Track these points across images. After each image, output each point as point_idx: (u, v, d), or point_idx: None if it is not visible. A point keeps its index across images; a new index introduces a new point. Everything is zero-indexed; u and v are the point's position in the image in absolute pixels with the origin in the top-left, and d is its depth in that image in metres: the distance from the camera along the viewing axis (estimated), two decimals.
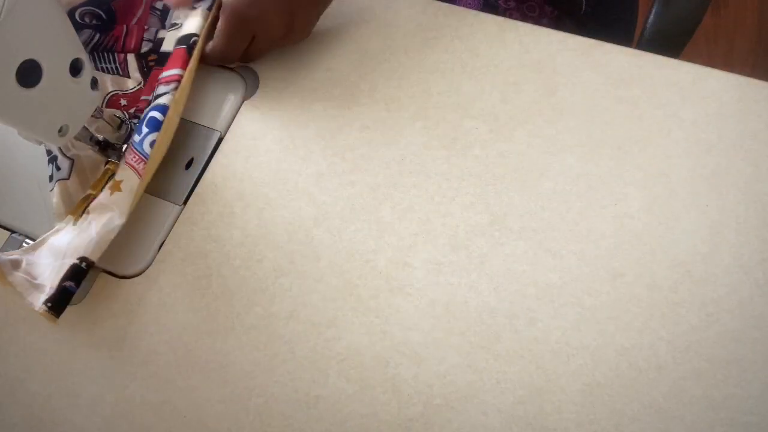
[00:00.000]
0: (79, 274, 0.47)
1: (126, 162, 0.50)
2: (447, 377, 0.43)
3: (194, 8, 0.55)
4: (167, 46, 0.55)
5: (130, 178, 0.49)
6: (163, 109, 0.51)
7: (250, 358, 0.46)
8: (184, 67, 0.52)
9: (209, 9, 0.54)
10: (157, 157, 0.51)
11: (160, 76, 0.53)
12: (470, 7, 0.61)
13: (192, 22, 0.54)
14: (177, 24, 0.56)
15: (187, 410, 0.45)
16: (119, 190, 0.49)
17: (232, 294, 0.48)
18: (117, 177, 0.49)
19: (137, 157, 0.50)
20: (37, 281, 0.48)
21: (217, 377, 0.46)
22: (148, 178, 0.50)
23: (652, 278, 0.44)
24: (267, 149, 0.52)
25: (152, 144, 0.50)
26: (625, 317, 0.43)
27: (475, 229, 0.47)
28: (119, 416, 0.46)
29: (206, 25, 0.54)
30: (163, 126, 0.50)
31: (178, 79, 0.52)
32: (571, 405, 0.41)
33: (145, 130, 0.50)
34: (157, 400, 0.46)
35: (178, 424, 0.45)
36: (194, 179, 0.52)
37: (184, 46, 0.53)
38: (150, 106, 0.51)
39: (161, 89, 0.52)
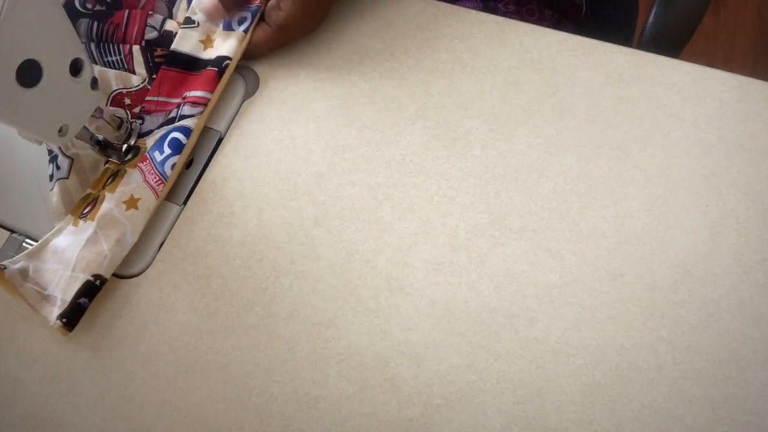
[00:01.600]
0: (93, 290, 0.48)
1: (145, 180, 0.50)
2: (447, 377, 0.43)
3: (232, 30, 0.54)
4: (182, 45, 0.55)
5: (148, 198, 0.50)
6: (187, 132, 0.51)
7: (250, 358, 0.46)
8: (212, 90, 0.52)
9: (245, 31, 0.54)
10: (172, 179, 0.51)
11: (187, 94, 0.53)
12: None
13: (227, 45, 0.54)
14: (194, 23, 0.55)
15: (187, 410, 0.45)
16: (135, 208, 0.49)
17: (232, 294, 0.48)
18: (135, 194, 0.50)
19: (158, 178, 0.50)
20: (46, 292, 0.48)
21: (217, 377, 0.46)
22: (162, 198, 0.51)
23: (652, 278, 0.44)
24: (267, 149, 0.52)
25: (173, 166, 0.50)
26: (625, 317, 0.43)
27: (475, 229, 0.47)
28: (119, 416, 0.46)
29: (241, 49, 0.54)
30: (184, 149, 0.51)
31: (205, 103, 0.52)
32: (571, 405, 0.41)
33: (167, 150, 0.51)
34: (157, 400, 0.46)
35: (178, 424, 0.45)
36: (194, 179, 0.52)
37: (216, 69, 0.53)
38: (173, 126, 0.51)
39: (187, 110, 0.52)
